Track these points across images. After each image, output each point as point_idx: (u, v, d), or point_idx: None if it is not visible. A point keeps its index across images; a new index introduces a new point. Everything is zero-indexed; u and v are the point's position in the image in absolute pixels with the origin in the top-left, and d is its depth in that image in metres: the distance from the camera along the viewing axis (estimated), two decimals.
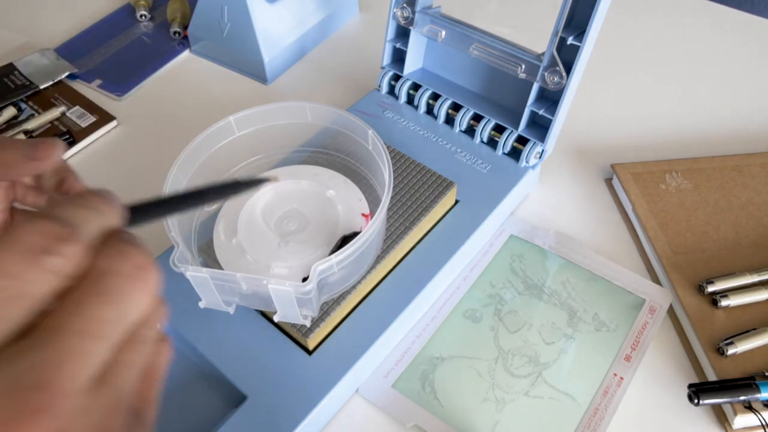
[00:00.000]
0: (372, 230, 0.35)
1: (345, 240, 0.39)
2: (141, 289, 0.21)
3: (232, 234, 0.40)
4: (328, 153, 0.45)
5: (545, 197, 0.51)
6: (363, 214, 0.41)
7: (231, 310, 0.37)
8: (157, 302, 0.22)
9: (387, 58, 0.54)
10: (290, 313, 0.35)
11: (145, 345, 0.21)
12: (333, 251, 0.38)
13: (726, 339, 0.40)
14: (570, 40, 0.42)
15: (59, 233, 0.19)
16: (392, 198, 0.43)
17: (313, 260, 0.35)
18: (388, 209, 0.43)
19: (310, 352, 0.38)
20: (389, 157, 0.38)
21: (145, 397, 0.23)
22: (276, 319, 0.36)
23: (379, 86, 0.55)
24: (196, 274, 0.33)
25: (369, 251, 0.38)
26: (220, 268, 0.38)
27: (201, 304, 0.37)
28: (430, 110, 0.53)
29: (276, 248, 0.38)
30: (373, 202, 0.42)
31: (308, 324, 0.37)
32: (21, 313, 0.18)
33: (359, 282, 0.39)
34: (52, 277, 0.19)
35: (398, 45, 0.53)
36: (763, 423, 0.37)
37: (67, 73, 0.62)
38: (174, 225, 0.35)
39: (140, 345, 0.21)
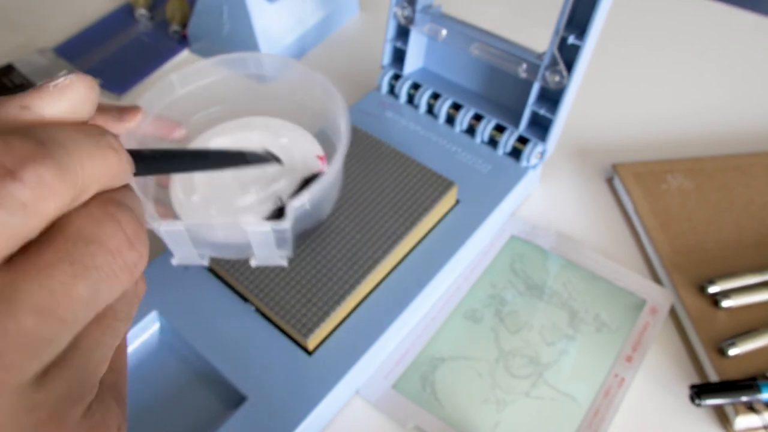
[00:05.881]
0: (336, 167, 0.35)
1: (306, 182, 0.38)
2: (127, 271, 0.16)
3: (191, 191, 0.39)
4: (279, 104, 0.44)
5: (546, 197, 0.51)
6: (318, 156, 0.40)
7: (205, 262, 0.36)
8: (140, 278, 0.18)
9: (387, 58, 0.54)
10: (268, 255, 0.35)
11: (120, 323, 0.17)
12: (296, 193, 0.37)
13: (727, 339, 0.40)
14: (571, 40, 0.42)
15: (30, 152, 0.14)
16: (392, 198, 0.43)
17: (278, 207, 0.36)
18: (388, 209, 0.43)
19: (310, 353, 0.38)
20: (342, 97, 0.38)
21: (116, 370, 0.19)
22: (253, 264, 0.35)
23: (379, 86, 0.54)
24: (170, 228, 0.31)
25: (332, 191, 0.38)
26: None
27: (174, 261, 0.35)
28: (430, 110, 0.52)
29: (239, 199, 0.38)
30: (328, 147, 0.41)
31: (285, 264, 0.36)
32: None
33: (359, 282, 0.39)
34: (5, 212, 0.14)
35: (398, 44, 0.52)
36: (765, 424, 0.37)
37: (65, 73, 0.62)
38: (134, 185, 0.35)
39: (115, 323, 0.17)
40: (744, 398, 0.37)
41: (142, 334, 0.40)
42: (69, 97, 0.17)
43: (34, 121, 0.16)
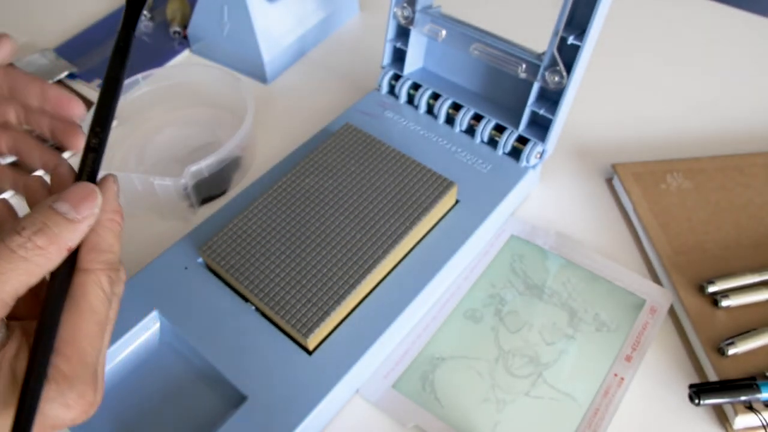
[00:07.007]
0: (228, 147, 0.47)
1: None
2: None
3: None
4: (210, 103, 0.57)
5: (546, 197, 0.51)
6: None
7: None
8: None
9: (387, 58, 0.54)
10: (175, 209, 0.47)
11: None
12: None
13: (727, 339, 0.40)
14: (570, 40, 0.42)
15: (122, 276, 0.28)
16: (392, 198, 0.44)
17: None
18: (388, 209, 0.43)
19: (310, 352, 0.38)
20: (250, 91, 0.50)
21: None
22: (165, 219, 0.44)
23: (379, 86, 0.55)
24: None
25: (232, 165, 0.50)
26: None
27: None
28: (430, 110, 0.52)
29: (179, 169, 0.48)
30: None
31: (193, 214, 0.45)
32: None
33: (359, 282, 0.39)
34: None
35: (398, 45, 0.53)
36: (764, 423, 0.37)
37: (66, 73, 0.62)
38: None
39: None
40: (743, 398, 0.37)
41: (143, 334, 0.40)
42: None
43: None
